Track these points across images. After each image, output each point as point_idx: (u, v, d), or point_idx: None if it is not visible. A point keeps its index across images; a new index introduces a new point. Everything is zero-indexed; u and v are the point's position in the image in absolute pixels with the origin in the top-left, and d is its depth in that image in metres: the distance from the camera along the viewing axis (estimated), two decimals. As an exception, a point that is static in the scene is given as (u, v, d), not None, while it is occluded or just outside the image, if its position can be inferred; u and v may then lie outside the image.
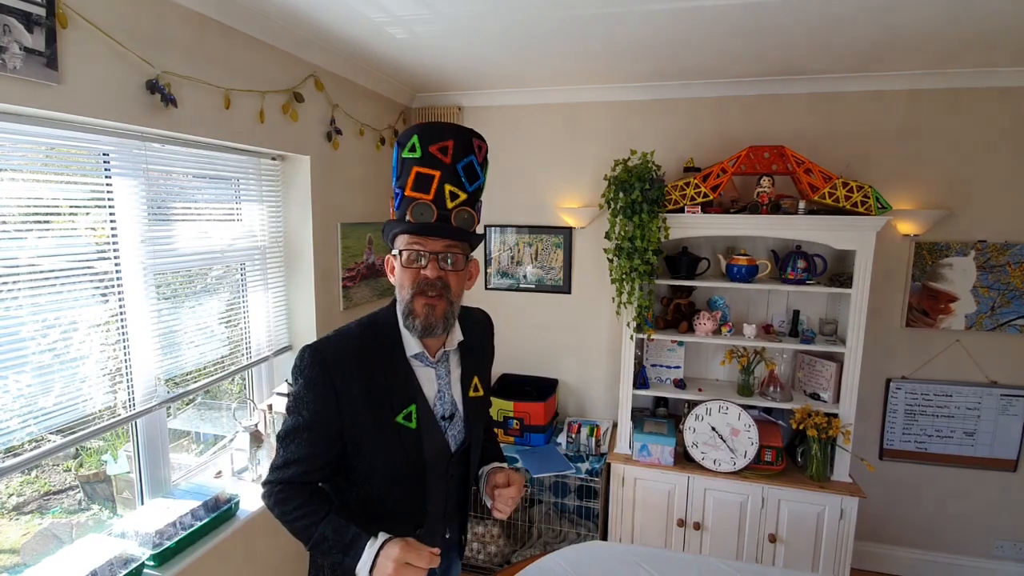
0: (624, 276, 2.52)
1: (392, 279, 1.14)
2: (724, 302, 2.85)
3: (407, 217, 1.07)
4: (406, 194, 1.08)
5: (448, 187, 1.07)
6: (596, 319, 3.13)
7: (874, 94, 2.63)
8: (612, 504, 2.74)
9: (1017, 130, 2.53)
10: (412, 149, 1.07)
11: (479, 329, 1.33)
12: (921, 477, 2.82)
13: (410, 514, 1.17)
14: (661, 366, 2.87)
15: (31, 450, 1.45)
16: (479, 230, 1.17)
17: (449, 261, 1.09)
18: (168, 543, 1.67)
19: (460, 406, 1.22)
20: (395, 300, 1.17)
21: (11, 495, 1.75)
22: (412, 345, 1.15)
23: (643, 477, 2.67)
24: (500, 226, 3.21)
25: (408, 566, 0.97)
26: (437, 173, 1.06)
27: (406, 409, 1.12)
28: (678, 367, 2.85)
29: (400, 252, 1.09)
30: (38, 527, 1.75)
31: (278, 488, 1.11)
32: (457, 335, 1.21)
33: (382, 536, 1.03)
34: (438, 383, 1.19)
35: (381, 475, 1.14)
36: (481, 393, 1.27)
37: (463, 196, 1.09)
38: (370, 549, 1.01)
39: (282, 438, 1.12)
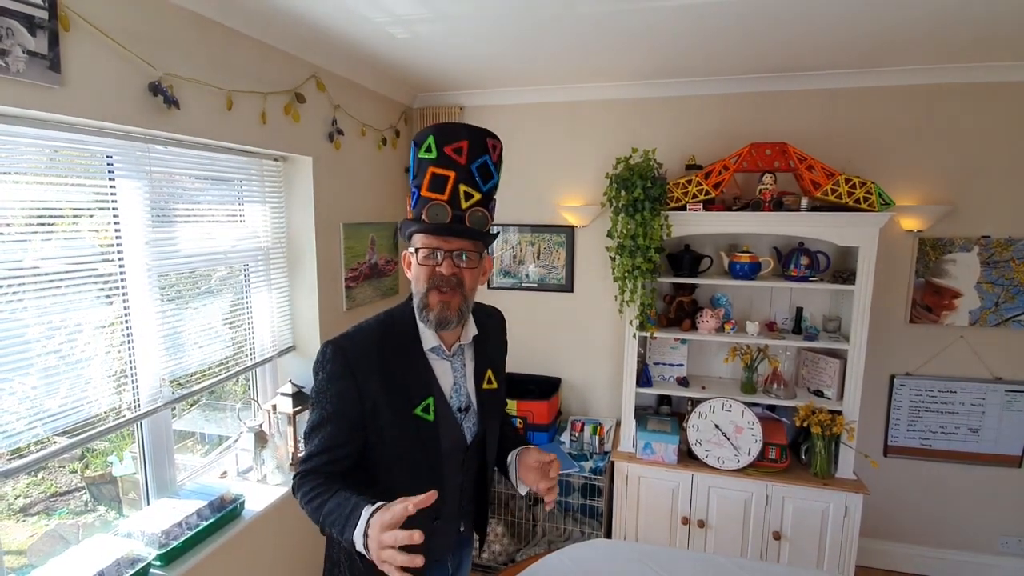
0: (626, 274, 2.52)
1: (409, 274, 1.17)
2: (727, 299, 2.84)
3: (423, 217, 1.09)
4: (422, 194, 1.10)
5: (463, 187, 1.09)
6: (599, 317, 3.13)
7: (876, 90, 2.62)
8: (616, 502, 2.74)
9: (1020, 125, 2.51)
10: (428, 149, 1.09)
11: (493, 325, 1.35)
12: (926, 474, 2.81)
13: (428, 506, 1.17)
14: (664, 364, 2.87)
15: (37, 452, 1.45)
16: (494, 228, 1.20)
17: (464, 258, 1.11)
18: (174, 543, 1.68)
19: (474, 399, 1.24)
20: (411, 295, 1.20)
21: (18, 497, 1.75)
22: (429, 339, 1.17)
23: (647, 475, 2.67)
24: (502, 225, 3.21)
25: (387, 549, 0.89)
26: (452, 174, 1.08)
27: (424, 401, 1.14)
28: (681, 365, 2.85)
29: (416, 249, 1.12)
30: (45, 528, 1.76)
31: (300, 475, 1.13)
32: (472, 329, 1.24)
33: (378, 504, 0.96)
34: (454, 376, 1.21)
35: (400, 467, 1.16)
36: (495, 386, 1.28)
37: (477, 196, 1.11)
38: (364, 515, 0.95)
39: (308, 433, 1.14)
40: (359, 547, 0.95)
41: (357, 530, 0.94)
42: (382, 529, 0.90)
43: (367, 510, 0.96)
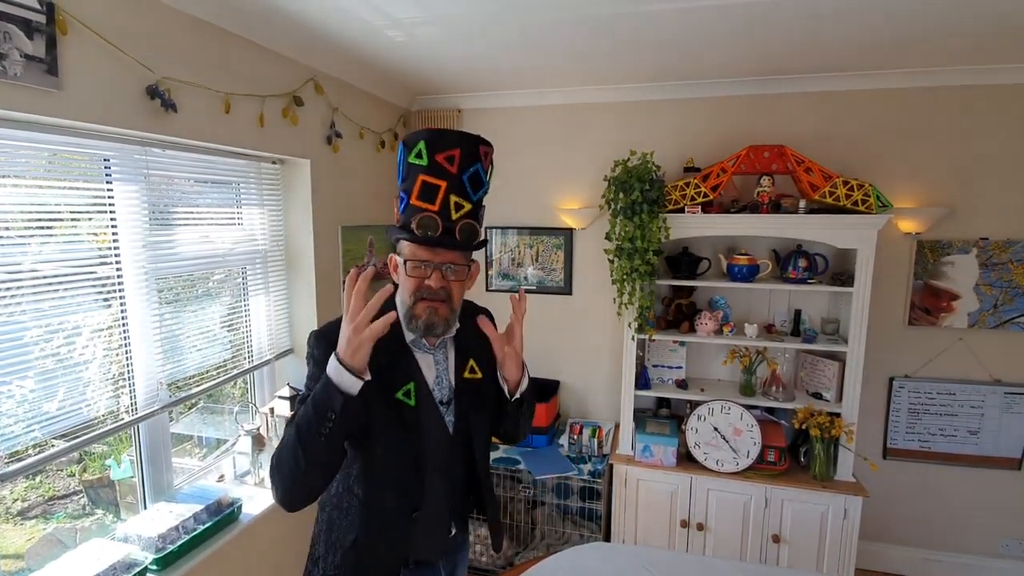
0: (625, 277, 2.52)
1: (395, 277, 1.16)
2: (725, 302, 2.84)
3: (413, 227, 1.07)
4: (411, 202, 1.08)
5: (454, 198, 1.07)
6: (597, 320, 3.13)
7: (874, 92, 2.63)
8: (615, 505, 2.74)
9: (1019, 127, 2.52)
10: (419, 156, 1.07)
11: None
12: (925, 476, 2.81)
13: (408, 496, 1.17)
14: (663, 366, 2.87)
15: (35, 455, 1.45)
16: (482, 233, 1.19)
17: (452, 270, 1.11)
18: (171, 547, 1.67)
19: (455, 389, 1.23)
20: (395, 287, 1.18)
21: (16, 500, 1.75)
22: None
23: (646, 478, 2.66)
24: (501, 228, 3.21)
25: (355, 335, 0.96)
26: (443, 183, 1.06)
27: (405, 386, 1.14)
28: (680, 367, 2.85)
29: (405, 261, 1.11)
30: (42, 532, 1.76)
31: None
32: (455, 324, 1.22)
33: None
34: (436, 369, 1.21)
35: (383, 451, 1.15)
36: (479, 375, 1.26)
37: (468, 207, 1.09)
38: (333, 356, 0.99)
39: (291, 415, 1.15)
40: (334, 376, 0.97)
41: (330, 362, 0.98)
42: (350, 323, 0.96)
43: (334, 354, 0.99)
